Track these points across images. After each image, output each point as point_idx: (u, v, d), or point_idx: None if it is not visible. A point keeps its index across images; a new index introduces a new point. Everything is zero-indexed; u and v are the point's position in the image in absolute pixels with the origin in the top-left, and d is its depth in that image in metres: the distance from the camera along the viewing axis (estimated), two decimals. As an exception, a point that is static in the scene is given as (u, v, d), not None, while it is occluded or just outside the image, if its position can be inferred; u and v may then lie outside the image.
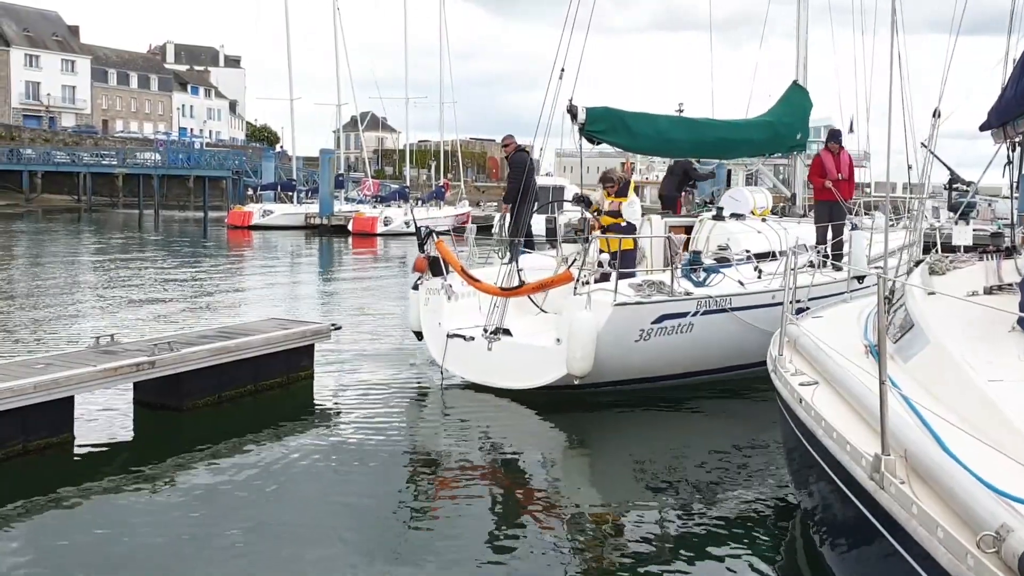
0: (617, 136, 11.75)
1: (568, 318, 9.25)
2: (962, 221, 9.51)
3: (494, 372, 9.90)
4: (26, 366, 8.11)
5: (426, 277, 10.64)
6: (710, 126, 13.08)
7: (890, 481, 3.55)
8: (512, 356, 9.84)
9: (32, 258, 28.25)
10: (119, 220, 52.63)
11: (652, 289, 9.60)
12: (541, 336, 9.99)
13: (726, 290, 10.06)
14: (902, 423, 3.99)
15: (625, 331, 9.31)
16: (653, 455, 8.35)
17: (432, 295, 10.56)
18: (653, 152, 13.49)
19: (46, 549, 5.91)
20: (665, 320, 9.48)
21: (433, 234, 10.66)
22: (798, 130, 13.98)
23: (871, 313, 7.16)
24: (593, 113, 11.31)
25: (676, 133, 12.38)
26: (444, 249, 10.51)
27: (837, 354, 5.49)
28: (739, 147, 13.64)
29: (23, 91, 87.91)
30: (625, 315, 9.27)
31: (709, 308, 9.78)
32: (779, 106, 14.25)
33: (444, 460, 8.03)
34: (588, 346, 9.02)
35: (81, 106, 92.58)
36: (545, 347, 9.60)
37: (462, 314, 10.56)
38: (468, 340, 10.15)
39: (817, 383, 5.36)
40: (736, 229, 12.20)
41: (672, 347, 9.65)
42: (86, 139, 78.07)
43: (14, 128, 77.84)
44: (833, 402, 4.91)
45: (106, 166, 64.35)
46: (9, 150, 66.49)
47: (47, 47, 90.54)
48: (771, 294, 10.02)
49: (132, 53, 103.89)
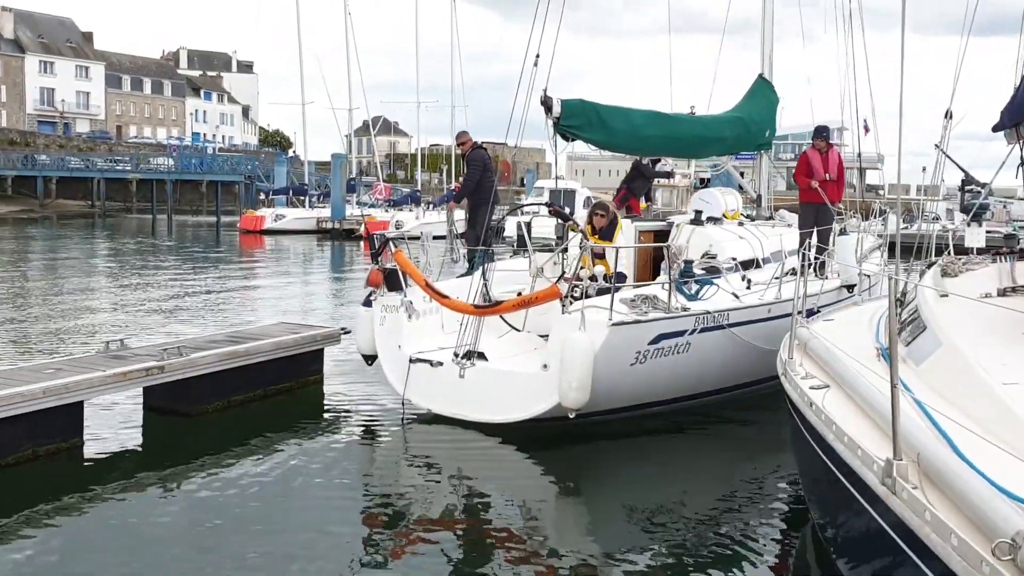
0: (592, 132, 10.62)
1: (558, 340, 8.05)
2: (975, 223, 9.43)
3: (468, 404, 8.60)
4: (36, 371, 8.12)
5: (380, 292, 9.30)
6: (683, 122, 12.27)
7: (902, 486, 3.49)
8: (490, 385, 8.55)
9: (46, 263, 28.38)
10: (133, 225, 52.87)
11: (647, 305, 8.42)
12: (522, 360, 8.81)
13: (722, 304, 9.01)
14: (915, 427, 3.94)
15: (621, 354, 8.16)
16: (655, 488, 7.48)
17: (389, 313, 9.22)
18: (627, 150, 11.99)
19: (55, 554, 5.91)
20: (662, 340, 8.36)
21: (390, 243, 9.42)
22: (767, 127, 13.15)
23: (882, 316, 7.09)
24: (569, 106, 10.27)
25: (650, 129, 11.37)
26: (404, 260, 9.20)
27: (848, 357, 5.43)
28: (711, 145, 12.62)
29: (38, 97, 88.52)
30: (622, 336, 8.10)
31: (707, 325, 8.70)
32: (747, 102, 13.30)
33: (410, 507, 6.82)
34: (584, 373, 7.82)
35: (95, 112, 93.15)
36: (530, 374, 8.36)
37: (424, 335, 9.28)
38: (435, 366, 8.81)
39: (828, 387, 5.30)
40: (719, 235, 11.17)
41: (668, 370, 8.59)
42: (100, 145, 78.51)
43: (29, 134, 78.41)
44: (844, 406, 4.85)
45: (120, 171, 64.73)
46: (24, 156, 66.90)
47: (61, 53, 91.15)
48: (767, 307, 9.26)
49: (146, 59, 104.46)
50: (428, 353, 8.98)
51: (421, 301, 9.25)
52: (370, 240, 9.66)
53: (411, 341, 9.13)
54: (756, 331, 9.02)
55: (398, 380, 9.05)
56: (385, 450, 8.35)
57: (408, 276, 9.20)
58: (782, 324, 8.51)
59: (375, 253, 9.47)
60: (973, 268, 7.50)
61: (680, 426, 8.96)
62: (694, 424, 9.05)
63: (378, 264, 9.37)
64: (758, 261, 10.73)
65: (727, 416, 9.34)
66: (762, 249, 10.99)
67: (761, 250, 10.95)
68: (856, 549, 4.54)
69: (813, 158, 11.56)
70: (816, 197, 11.46)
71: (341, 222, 44.34)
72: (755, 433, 9.21)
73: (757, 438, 9.06)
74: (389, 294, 9.27)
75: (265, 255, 33.88)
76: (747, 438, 9.11)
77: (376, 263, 9.39)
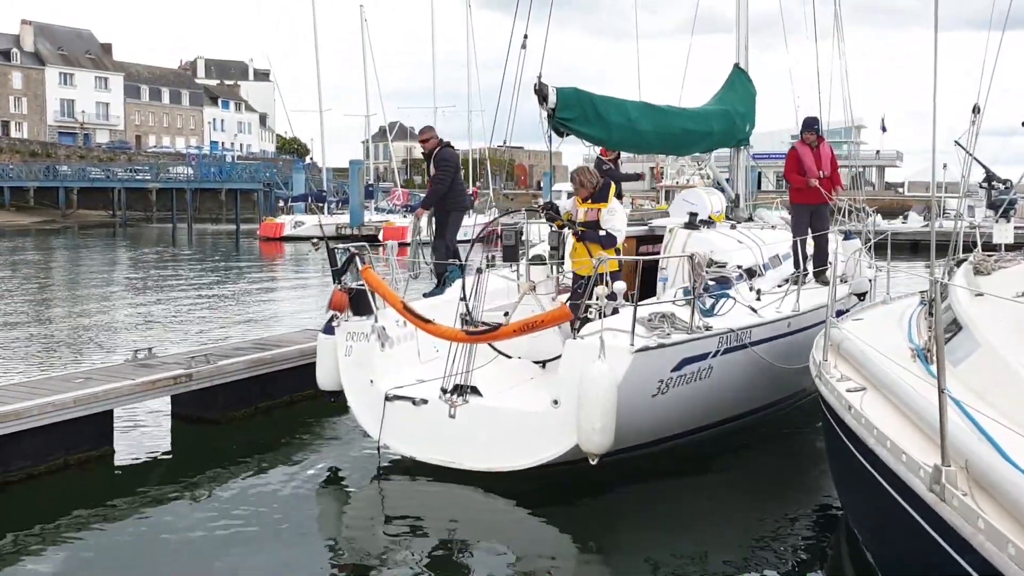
0: (589, 126, 9.34)
1: (573, 371, 6.73)
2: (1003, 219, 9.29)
3: (461, 449, 7.24)
4: (66, 380, 8.16)
5: (345, 317, 7.94)
6: (674, 115, 11.01)
7: (952, 493, 3.42)
8: (488, 425, 7.23)
9: (70, 273, 28.60)
10: (153, 234, 53.20)
11: (667, 324, 7.22)
12: (524, 394, 7.55)
13: (744, 320, 7.92)
14: (960, 432, 3.86)
15: (644, 384, 6.94)
16: (679, 534, 6.62)
17: (357, 342, 7.83)
18: (623, 147, 10.84)
19: (87, 562, 5.94)
20: (685, 366, 7.21)
21: (357, 257, 7.96)
22: (748, 120, 12.13)
23: (914, 315, 6.99)
24: (565, 96, 8.93)
25: (644, 123, 10.18)
26: (373, 278, 7.81)
27: (885, 359, 5.34)
28: (700, 140, 11.48)
29: (58, 108, 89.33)
30: (646, 363, 6.84)
31: (730, 345, 7.61)
32: (727, 93, 12.20)
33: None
34: (608, 410, 6.47)
35: (115, 122, 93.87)
36: (539, 412, 7.04)
37: (400, 367, 7.94)
38: (419, 404, 7.45)
39: (865, 389, 5.22)
40: (720, 241, 9.84)
41: (689, 399, 7.42)
42: (120, 155, 79.14)
43: (50, 145, 79.21)
44: (884, 409, 4.77)
45: (140, 181, 65.13)
46: (46, 167, 67.55)
47: (81, 65, 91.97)
48: (786, 322, 8.35)
49: (163, 69, 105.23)
50: (408, 388, 7.65)
51: (394, 326, 7.94)
52: (330, 256, 8.14)
53: (385, 374, 7.76)
54: (775, 349, 8.12)
55: (372, 421, 7.68)
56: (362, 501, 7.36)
57: (379, 296, 7.85)
58: (798, 340, 8.24)
59: (338, 271, 8.08)
60: (1006, 265, 7.38)
61: (697, 457, 7.99)
62: (712, 455, 8.14)
63: (341, 283, 7.99)
64: (760, 268, 9.71)
65: (745, 442, 8.49)
66: (762, 255, 9.90)
67: (761, 256, 9.88)
68: (899, 558, 4.46)
69: (804, 154, 10.32)
70: (810, 197, 10.26)
71: (360, 228, 44.43)
72: (780, 454, 8.61)
73: (783, 459, 8.58)
74: (355, 319, 7.90)
75: (286, 262, 33.98)
76: (771, 463, 8.40)
77: (339, 282, 8.03)
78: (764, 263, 9.84)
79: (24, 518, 6.61)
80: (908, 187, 78.08)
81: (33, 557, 5.99)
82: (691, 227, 9.97)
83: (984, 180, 11.01)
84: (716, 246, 9.53)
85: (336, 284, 8.06)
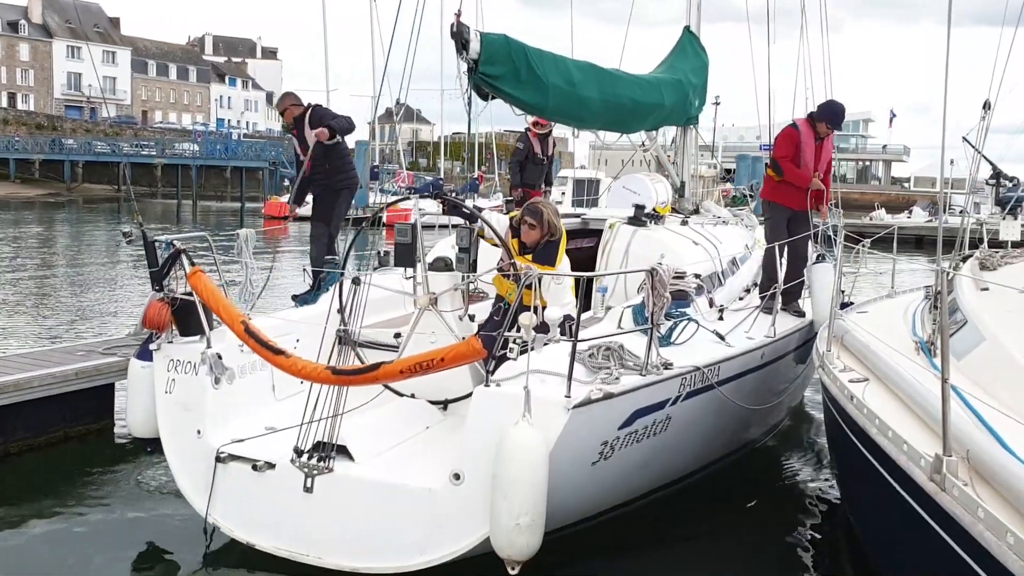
0: (521, 88, 7.32)
1: (484, 434, 4.81)
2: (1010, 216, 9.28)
3: (321, 539, 5.20)
4: (68, 352, 8.18)
5: (168, 337, 5.79)
6: (623, 81, 8.79)
7: (953, 483, 3.43)
8: (359, 506, 5.14)
9: (74, 247, 28.62)
10: (158, 210, 53.23)
11: (614, 362, 5.27)
12: (414, 457, 5.46)
13: (711, 354, 6.06)
14: (962, 423, 3.87)
15: (581, 450, 5.06)
16: None
17: (182, 375, 5.69)
18: (563, 117, 8.38)
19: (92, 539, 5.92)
20: (637, 419, 5.31)
21: (183, 255, 5.78)
22: (699, 95, 10.20)
23: (918, 309, 7.00)
24: (492, 45, 6.96)
25: (588, 88, 8.09)
26: (204, 285, 5.61)
27: (889, 350, 5.35)
28: (649, 114, 9.23)
29: (65, 82, 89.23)
30: (586, 422, 4.93)
31: (693, 388, 5.76)
32: (677, 60, 10.13)
33: None
34: (536, 496, 4.61)
35: (121, 97, 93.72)
36: (431, 490, 4.99)
37: (244, 409, 5.80)
38: (261, 470, 5.31)
39: (868, 380, 5.23)
40: (673, 242, 7.90)
41: (639, 461, 5.58)
42: (126, 130, 79.09)
43: (56, 118, 79.17)
44: (886, 400, 4.78)
45: (145, 156, 65.14)
46: (52, 140, 67.54)
47: (89, 39, 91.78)
48: (760, 352, 6.68)
49: (171, 45, 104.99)
50: (250, 444, 5.51)
51: (236, 352, 5.74)
52: (148, 249, 5.80)
53: (219, 421, 5.62)
54: (746, 387, 6.53)
55: (195, 489, 5.56)
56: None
57: (213, 312, 5.63)
58: (772, 373, 7.02)
59: (157, 273, 5.76)
60: (1012, 261, 7.37)
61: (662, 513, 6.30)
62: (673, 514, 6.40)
63: (163, 292, 5.75)
64: (720, 276, 7.94)
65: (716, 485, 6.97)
66: (720, 259, 8.06)
67: (720, 261, 8.03)
68: (898, 546, 4.47)
69: (807, 142, 7.99)
70: (795, 199, 7.99)
71: (364, 209, 44.43)
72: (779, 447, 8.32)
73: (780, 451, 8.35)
74: (181, 340, 5.79)
75: (290, 241, 33.96)
76: (768, 454, 8.08)
77: (160, 289, 5.76)
78: (723, 270, 8.06)
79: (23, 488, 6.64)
80: (914, 182, 78.04)
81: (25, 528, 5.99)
82: (636, 222, 8.09)
83: (991, 177, 10.95)
84: (668, 248, 7.54)
85: (156, 291, 5.79)
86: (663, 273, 5.56)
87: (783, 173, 8.01)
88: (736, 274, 8.44)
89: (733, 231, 9.61)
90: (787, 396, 8.10)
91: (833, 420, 5.66)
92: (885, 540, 4.76)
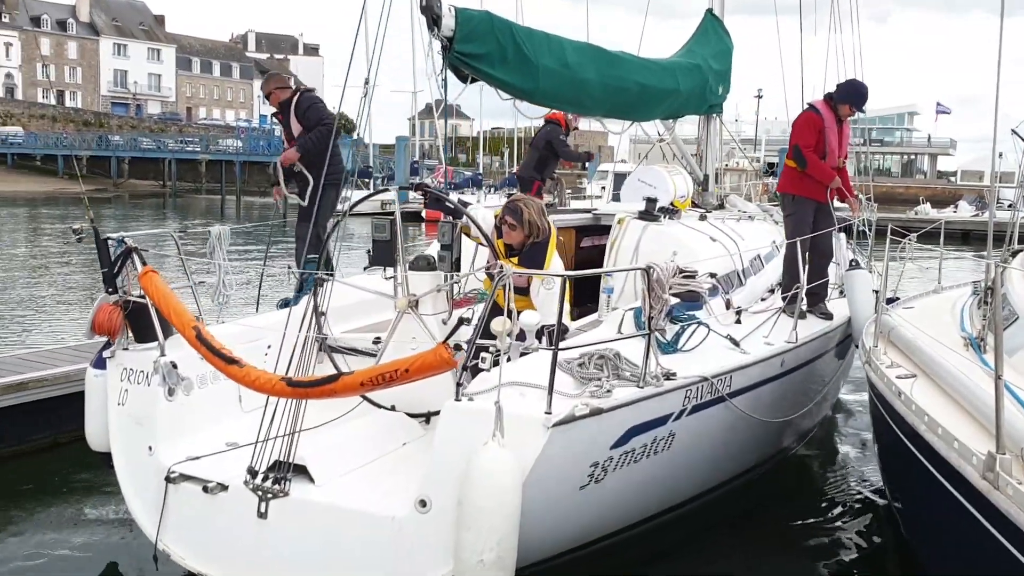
0: (507, 69, 6.65)
1: (450, 455, 4.25)
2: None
3: (275, 572, 4.72)
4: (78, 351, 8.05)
5: (123, 344, 5.27)
6: (629, 64, 8.24)
7: (1007, 481, 3.37)
8: (316, 535, 4.64)
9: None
10: (202, 205, 54.07)
11: (607, 373, 4.71)
12: (382, 479, 4.90)
13: (722, 361, 5.47)
14: (1015, 420, 3.79)
15: (567, 473, 4.52)
16: None
17: (134, 385, 5.18)
18: (556, 101, 7.63)
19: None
20: (633, 437, 4.74)
21: (135, 253, 5.25)
22: (723, 81, 9.61)
23: (966, 304, 6.88)
24: (468, 20, 6.26)
25: (586, 70, 7.49)
26: (155, 287, 5.07)
27: (938, 345, 5.26)
28: (662, 100, 8.64)
29: (111, 79, 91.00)
30: (571, 442, 4.37)
31: (701, 400, 5.18)
32: (697, 44, 9.64)
33: None
34: (507, 527, 4.05)
35: (166, 94, 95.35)
36: (394, 518, 4.44)
37: (201, 424, 5.30)
38: (213, 492, 4.82)
39: (916, 376, 5.16)
40: (688, 238, 7.43)
41: (642, 480, 5.01)
42: (171, 126, 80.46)
43: (103, 115, 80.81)
44: (935, 396, 4.71)
45: (190, 152, 66.28)
46: (99, 136, 68.95)
47: (134, 36, 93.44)
48: (780, 359, 6.04)
49: (215, 42, 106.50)
50: (204, 462, 5.03)
51: (197, 359, 5.01)
52: (100, 247, 5.25)
53: (173, 437, 5.14)
54: (764, 397, 5.93)
55: (147, 511, 5.07)
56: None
57: (164, 316, 5.04)
58: (794, 382, 6.40)
59: (108, 273, 5.25)
60: (1065, 257, 7.23)
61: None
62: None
63: (118, 293, 5.26)
64: (740, 276, 7.42)
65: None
66: (741, 258, 7.52)
67: (740, 259, 7.49)
68: (949, 547, 4.41)
69: (830, 127, 7.28)
70: (819, 190, 7.36)
71: (404, 204, 44.65)
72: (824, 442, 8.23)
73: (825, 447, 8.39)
74: (137, 347, 5.26)
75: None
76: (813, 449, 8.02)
77: (112, 289, 5.25)
78: (744, 268, 7.56)
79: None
80: (961, 176, 76.57)
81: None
82: (648, 217, 7.61)
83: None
84: (682, 244, 7.17)
85: (108, 292, 5.26)
86: (661, 272, 4.97)
87: (806, 164, 7.24)
88: (760, 273, 7.90)
89: (759, 227, 9.02)
90: (816, 405, 7.47)
91: (880, 417, 5.58)
92: (935, 540, 4.69)
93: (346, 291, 5.80)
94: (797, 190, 7.41)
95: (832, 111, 7.30)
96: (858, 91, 7.40)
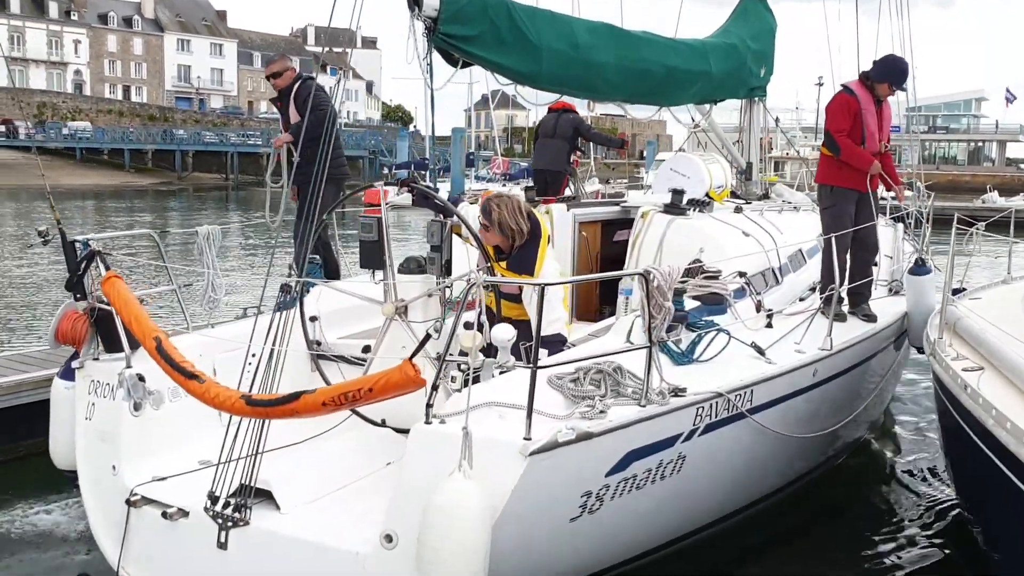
0: (504, 52, 6.13)
1: (415, 487, 3.81)
2: None
3: None
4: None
5: (91, 354, 4.97)
6: (651, 44, 7.59)
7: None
8: (274, 571, 4.26)
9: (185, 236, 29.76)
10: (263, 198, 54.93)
11: (604, 390, 4.17)
12: (355, 506, 4.47)
13: (742, 374, 4.86)
14: (1088, 416, 3.70)
15: (553, 505, 4.03)
16: None
17: (101, 399, 4.84)
18: (563, 86, 7.03)
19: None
20: (633, 462, 4.21)
21: (98, 257, 4.88)
22: (764, 62, 8.91)
23: (1038, 296, 6.71)
24: (457, 0, 5.74)
25: (601, 52, 6.90)
26: (119, 294, 4.68)
27: (1007, 337, 5.14)
28: (692, 83, 8.04)
29: (175, 74, 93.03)
30: (555, 471, 3.86)
31: (715, 418, 4.63)
32: (734, 24, 9.03)
33: None
34: (472, 568, 3.57)
35: (228, 88, 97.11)
36: (358, 553, 4.02)
37: (172, 442, 4.91)
38: (173, 518, 4.46)
39: (983, 369, 5.05)
40: (716, 232, 6.80)
41: (647, 508, 4.50)
42: (233, 120, 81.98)
43: (167, 110, 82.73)
44: (1004, 389, 4.61)
45: (251, 146, 67.44)
46: (163, 131, 70.61)
47: (197, 32, 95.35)
48: (811, 369, 5.44)
49: (275, 36, 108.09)
50: (168, 484, 4.67)
51: (161, 373, 4.56)
52: (67, 250, 4.92)
53: (139, 455, 4.77)
54: (792, 412, 5.33)
55: (109, 534, 4.72)
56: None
57: (129, 327, 4.62)
58: (830, 392, 5.78)
59: (71, 278, 4.87)
60: None
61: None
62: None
63: (86, 299, 4.89)
64: (776, 274, 6.73)
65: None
66: (778, 254, 6.84)
67: (777, 256, 6.80)
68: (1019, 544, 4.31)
69: (868, 108, 6.61)
70: (858, 180, 6.66)
71: (460, 196, 44.81)
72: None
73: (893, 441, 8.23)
74: (107, 357, 4.93)
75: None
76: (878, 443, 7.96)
77: (79, 295, 4.90)
78: (780, 266, 6.84)
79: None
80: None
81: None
82: (674, 210, 6.98)
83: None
84: (710, 239, 6.57)
85: (76, 298, 4.90)
86: (661, 278, 4.37)
87: (840, 151, 6.58)
88: (800, 269, 7.19)
89: (804, 219, 8.15)
90: (864, 411, 6.81)
91: (945, 411, 5.47)
92: (1005, 538, 4.60)
93: (340, 295, 5.48)
94: (835, 180, 6.72)
95: (869, 91, 6.64)
96: (897, 67, 6.70)
